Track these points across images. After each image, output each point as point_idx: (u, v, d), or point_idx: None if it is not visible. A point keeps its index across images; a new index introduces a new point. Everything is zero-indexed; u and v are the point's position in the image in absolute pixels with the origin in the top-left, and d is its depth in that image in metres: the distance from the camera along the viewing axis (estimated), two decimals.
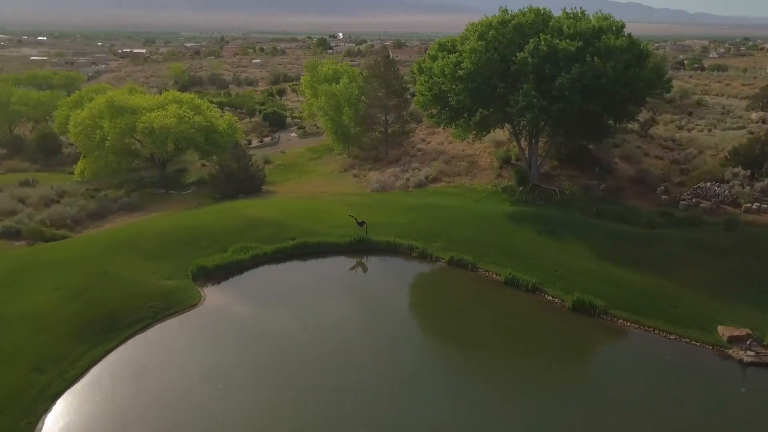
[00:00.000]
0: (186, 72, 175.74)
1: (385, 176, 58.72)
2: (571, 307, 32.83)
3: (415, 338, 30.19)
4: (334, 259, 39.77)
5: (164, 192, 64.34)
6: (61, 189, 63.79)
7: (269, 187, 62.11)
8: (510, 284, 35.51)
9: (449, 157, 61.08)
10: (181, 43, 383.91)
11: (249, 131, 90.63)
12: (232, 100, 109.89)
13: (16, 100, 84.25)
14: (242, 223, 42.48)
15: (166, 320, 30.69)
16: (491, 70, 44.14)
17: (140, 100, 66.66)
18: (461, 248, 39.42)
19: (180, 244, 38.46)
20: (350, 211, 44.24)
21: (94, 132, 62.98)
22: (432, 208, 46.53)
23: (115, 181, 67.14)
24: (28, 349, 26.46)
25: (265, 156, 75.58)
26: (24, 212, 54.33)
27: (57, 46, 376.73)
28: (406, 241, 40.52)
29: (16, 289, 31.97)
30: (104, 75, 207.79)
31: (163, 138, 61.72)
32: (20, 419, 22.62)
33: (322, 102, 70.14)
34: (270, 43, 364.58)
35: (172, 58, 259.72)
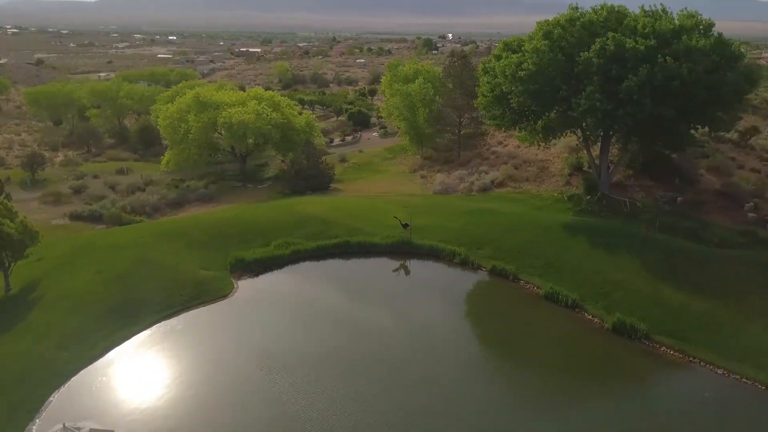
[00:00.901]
0: (290, 71, 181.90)
1: (449, 178, 57.47)
2: (610, 328, 30.33)
3: (432, 350, 28.94)
4: (375, 260, 39.35)
5: (241, 185, 66.86)
6: (149, 178, 68.07)
7: (338, 185, 62.77)
8: (550, 299, 33.42)
9: (520, 162, 58.67)
10: (295, 44, 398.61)
11: (332, 130, 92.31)
12: (323, 99, 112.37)
13: (123, 95, 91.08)
14: (292, 219, 43.10)
15: (193, 309, 31.71)
16: (555, 70, 41.73)
17: (224, 97, 69.64)
18: (507, 257, 37.66)
19: (227, 236, 39.63)
20: (403, 213, 43.62)
21: (180, 125, 66.64)
22: (488, 213, 44.83)
23: (198, 172, 70.68)
24: (58, 328, 28.31)
25: (342, 154, 76.58)
26: (109, 198, 58.52)
27: (184, 45, 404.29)
28: (449, 246, 39.28)
29: (66, 270, 34.39)
30: (218, 72, 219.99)
31: (240, 133, 64.14)
32: (34, 391, 24.19)
33: (396, 101, 69.86)
34: (379, 44, 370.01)
35: (283, 58, 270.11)
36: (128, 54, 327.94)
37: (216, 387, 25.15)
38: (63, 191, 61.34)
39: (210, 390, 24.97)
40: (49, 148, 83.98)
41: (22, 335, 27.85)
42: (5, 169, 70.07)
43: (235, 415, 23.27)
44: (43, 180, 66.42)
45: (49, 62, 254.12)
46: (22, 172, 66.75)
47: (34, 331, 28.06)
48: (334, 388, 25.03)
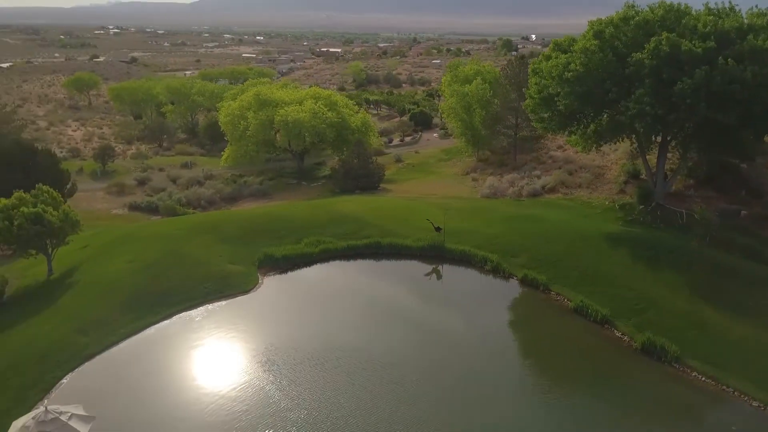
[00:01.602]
0: (363, 71, 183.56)
1: (499, 182, 55.90)
2: (639, 348, 28.35)
3: (444, 361, 27.97)
4: (405, 263, 38.66)
5: (296, 183, 67.99)
6: (209, 172, 70.47)
7: (388, 186, 62.55)
8: (579, 312, 31.66)
9: (576, 167, 56.23)
10: (375, 44, 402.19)
11: (394, 130, 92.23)
12: (389, 99, 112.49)
13: (195, 92, 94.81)
14: (327, 217, 43.18)
15: (215, 302, 32.22)
16: (604, 72, 39.53)
17: (283, 95, 71.00)
18: (541, 266, 36.07)
19: (260, 231, 40.18)
20: (443, 216, 42.83)
21: (240, 122, 68.55)
22: (530, 220, 43.16)
23: (257, 168, 72.47)
24: (83, 312, 29.55)
25: (398, 155, 76.34)
26: (167, 191, 60.97)
27: (269, 45, 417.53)
28: (482, 252, 38.06)
29: (104, 258, 35.97)
30: (297, 71, 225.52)
31: (296, 131, 65.23)
32: (49, 372, 25.31)
33: (453, 102, 68.80)
34: (459, 45, 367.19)
35: (361, 58, 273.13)
36: (216, 53, 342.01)
37: (220, 381, 25.38)
38: (127, 183, 64.51)
39: (214, 384, 25.21)
40: (125, 142, 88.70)
41: (50, 317, 29.29)
42: (80, 160, 74.57)
43: (229, 411, 23.39)
44: (113, 171, 70.13)
45: (142, 60, 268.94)
46: (94, 164, 70.72)
47: (60, 315, 29.46)
48: (338, 392, 24.67)
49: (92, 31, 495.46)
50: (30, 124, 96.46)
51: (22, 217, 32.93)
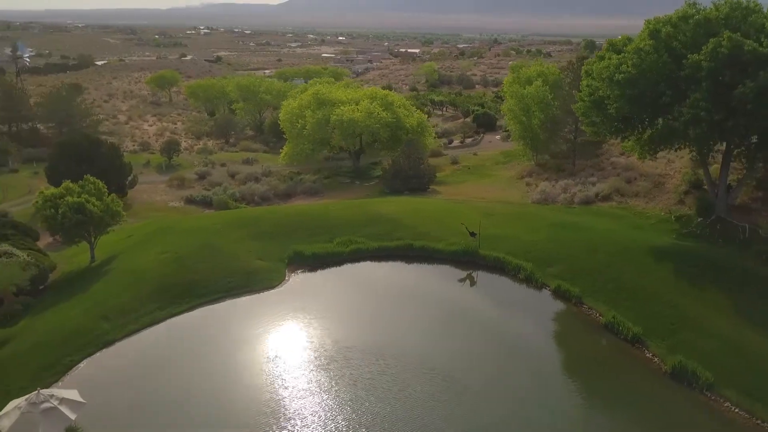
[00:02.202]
0: (436, 71, 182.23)
1: (552, 188, 53.71)
2: (668, 372, 26.27)
3: (465, 377, 26.88)
4: (437, 267, 37.79)
5: (349, 182, 68.18)
6: (268, 169, 71.86)
7: (438, 187, 61.58)
8: (609, 328, 29.78)
9: (635, 175, 53.15)
10: (455, 44, 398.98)
11: (456, 131, 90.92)
12: (455, 100, 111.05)
13: (263, 90, 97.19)
14: (364, 217, 42.92)
15: (239, 297, 32.70)
16: (658, 74, 37.01)
17: (341, 94, 71.40)
18: (576, 278, 34.26)
19: (295, 229, 40.45)
20: (485, 220, 41.71)
21: (298, 121, 69.52)
22: (574, 228, 41.13)
23: (315, 167, 73.30)
24: (109, 300, 30.68)
25: (455, 156, 75.07)
26: (222, 185, 62.67)
27: (350, 45, 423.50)
28: (517, 260, 36.61)
29: (141, 248, 37.29)
30: (372, 72, 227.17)
31: (350, 131, 65.43)
32: (67, 356, 26.41)
33: (512, 104, 66.86)
34: (540, 46, 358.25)
35: (438, 58, 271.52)
36: (297, 53, 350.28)
37: (222, 378, 25.60)
38: (188, 176, 66.83)
39: (217, 379, 25.47)
40: (194, 137, 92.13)
41: (79, 303, 30.61)
42: (149, 154, 78.02)
43: (231, 409, 23.54)
44: (177, 165, 72.88)
45: (226, 59, 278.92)
46: (161, 157, 73.79)
47: (89, 301, 30.71)
48: (346, 392, 24.33)
49: (184, 31, 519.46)
50: (111, 119, 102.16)
51: (66, 206, 34.65)
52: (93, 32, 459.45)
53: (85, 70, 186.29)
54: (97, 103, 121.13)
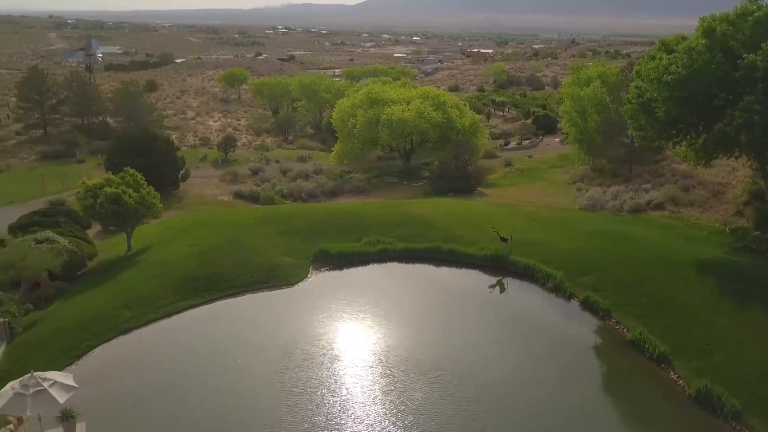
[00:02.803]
0: (505, 72, 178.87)
1: (602, 194, 51.31)
2: (692, 395, 24.34)
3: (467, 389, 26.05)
4: (465, 272, 36.82)
5: (397, 182, 67.79)
6: (319, 167, 72.57)
7: (486, 190, 60.22)
8: (635, 345, 27.99)
9: (694, 183, 49.93)
10: (529, 45, 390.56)
11: (514, 132, 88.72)
12: (517, 101, 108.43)
13: (323, 88, 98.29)
14: (398, 218, 42.41)
15: (258, 292, 32.98)
16: (710, 75, 34.46)
17: (393, 94, 71.10)
18: (607, 290, 32.47)
19: (324, 227, 40.45)
20: (530, 226, 40.54)
21: (349, 119, 69.78)
22: (615, 237, 39.04)
23: (365, 166, 73.40)
24: (133, 289, 31.65)
25: (510, 158, 73.15)
26: (271, 182, 63.73)
27: (424, 45, 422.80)
28: (547, 268, 35.08)
29: (173, 240, 38.38)
30: (441, 72, 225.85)
31: (399, 130, 65.04)
32: (85, 341, 27.39)
33: (567, 106, 64.43)
34: (620, 46, 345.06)
35: (511, 59, 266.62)
36: (371, 52, 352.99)
37: (226, 374, 25.80)
38: (240, 172, 68.36)
39: (221, 375, 25.71)
40: (254, 134, 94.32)
41: (106, 290, 31.77)
42: (208, 149, 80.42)
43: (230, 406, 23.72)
44: (233, 161, 74.74)
45: (300, 58, 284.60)
46: (218, 153, 75.91)
47: (115, 289, 31.82)
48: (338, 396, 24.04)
49: (263, 31, 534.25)
50: (179, 114, 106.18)
51: (104, 197, 36.08)
52: (178, 31, 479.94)
53: (164, 68, 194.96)
54: (169, 99, 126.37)
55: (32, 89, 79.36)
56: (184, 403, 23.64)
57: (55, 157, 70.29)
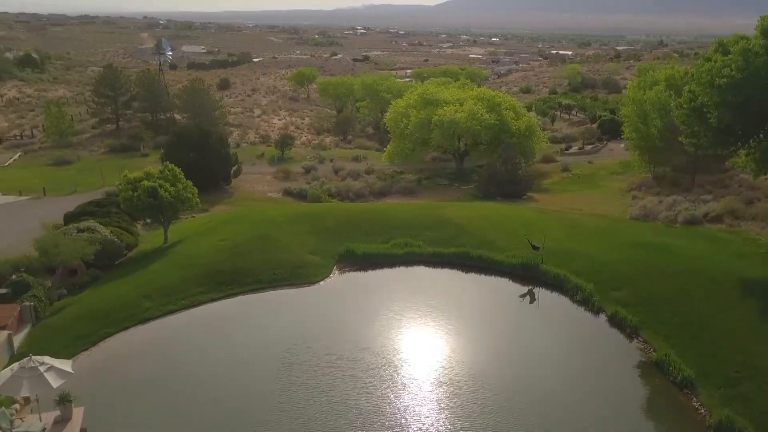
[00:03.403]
0: (579, 74, 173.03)
1: (656, 204, 48.40)
2: (712, 426, 22.39)
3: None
4: (493, 279, 35.61)
5: (447, 184, 66.78)
6: (372, 167, 72.62)
7: (535, 195, 58.32)
8: (659, 367, 26.11)
9: (760, 195, 46.27)
10: (613, 47, 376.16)
11: (578, 136, 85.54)
12: (584, 104, 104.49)
13: (384, 89, 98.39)
14: (431, 220, 41.64)
15: (280, 288, 33.19)
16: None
17: (447, 94, 70.11)
18: (639, 306, 30.53)
19: (356, 226, 40.25)
20: (569, 235, 39.01)
21: (402, 120, 69.43)
22: (659, 250, 36.65)
23: (418, 167, 72.83)
24: (158, 279, 32.59)
25: (568, 163, 70.52)
26: (320, 180, 64.27)
27: (503, 46, 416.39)
28: (577, 280, 33.38)
29: (208, 234, 39.33)
30: (514, 73, 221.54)
31: (450, 132, 64.07)
32: (104, 328, 28.40)
33: (628, 110, 61.33)
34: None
35: (590, 61, 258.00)
36: (447, 53, 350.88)
37: (234, 365, 26.07)
38: (293, 170, 69.37)
39: (225, 370, 26.00)
40: (315, 132, 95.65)
41: (132, 280, 32.88)
42: (266, 146, 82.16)
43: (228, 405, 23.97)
44: (289, 158, 76.00)
45: (374, 59, 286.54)
46: (274, 150, 77.44)
47: (141, 279, 32.87)
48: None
49: (343, 31, 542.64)
50: (247, 112, 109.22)
51: (142, 189, 37.43)
52: (260, 31, 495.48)
53: (240, 66, 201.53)
54: (240, 97, 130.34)
55: (107, 86, 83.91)
56: (184, 394, 24.02)
57: (122, 150, 73.89)
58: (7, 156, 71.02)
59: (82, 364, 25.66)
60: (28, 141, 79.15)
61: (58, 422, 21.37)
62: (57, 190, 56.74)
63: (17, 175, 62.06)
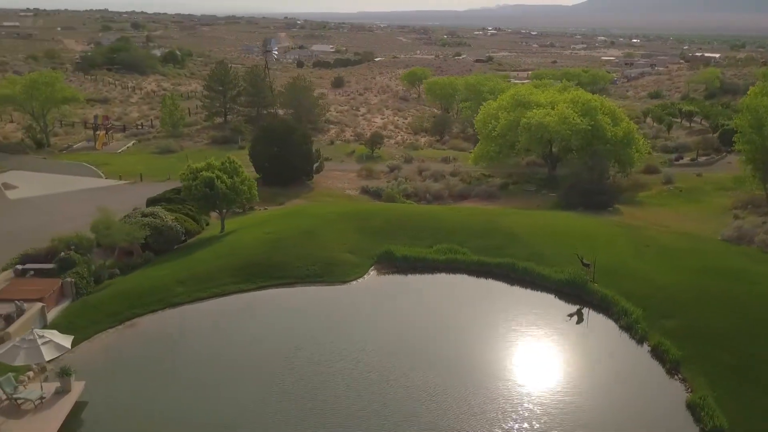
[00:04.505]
0: (718, 78, 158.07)
1: (756, 225, 42.79)
2: None
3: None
4: (537, 294, 33.16)
5: (534, 190, 63.66)
6: (458, 169, 70.99)
7: (623, 207, 53.84)
8: (691, 410, 22.87)
9: None
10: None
11: (692, 147, 78.12)
12: (709, 111, 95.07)
13: (486, 89, 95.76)
14: (480, 227, 39.72)
15: (309, 285, 33.14)
16: None
17: (539, 97, 66.73)
18: (687, 339, 27.07)
19: (402, 228, 39.30)
20: (641, 254, 35.86)
21: (491, 121, 67.11)
22: (732, 278, 32.22)
23: (506, 171, 70.17)
24: (195, 267, 33.75)
25: (671, 175, 64.45)
26: (398, 180, 63.79)
27: (643, 48, 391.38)
28: (626, 303, 30.22)
29: (261, 225, 40.35)
30: (646, 77, 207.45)
31: (537, 136, 61.00)
32: (133, 308, 29.85)
33: (742, 119, 54.76)
34: None
35: (738, 65, 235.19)
36: (579, 55, 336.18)
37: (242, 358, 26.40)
38: (377, 168, 69.50)
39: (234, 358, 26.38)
40: (413, 132, 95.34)
41: (174, 265, 34.33)
42: (359, 144, 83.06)
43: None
44: (377, 157, 76.29)
45: (498, 60, 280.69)
46: (364, 148, 78.09)
47: (181, 264, 34.23)
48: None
49: (473, 32, 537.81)
50: (353, 110, 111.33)
51: (200, 180, 39.11)
52: (391, 31, 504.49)
53: (359, 65, 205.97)
54: (351, 95, 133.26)
55: (217, 81, 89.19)
56: (187, 379, 24.53)
57: (223, 142, 78.12)
58: (123, 144, 77.74)
59: (101, 341, 27.30)
60: (147, 131, 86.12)
61: (57, 393, 22.71)
62: (153, 176, 61.04)
63: (124, 161, 67.66)
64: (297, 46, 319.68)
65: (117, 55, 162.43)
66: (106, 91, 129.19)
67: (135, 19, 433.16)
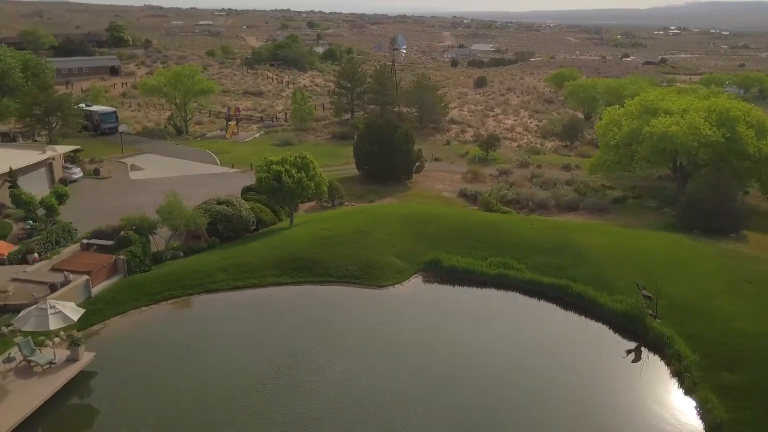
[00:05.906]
0: None
1: None
2: None
3: None
4: (590, 324, 29.58)
5: (655, 206, 57.29)
6: (575, 178, 65.93)
7: (751, 233, 46.61)
8: None
9: None
10: None
11: None
12: None
13: (627, 94, 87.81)
14: (546, 243, 36.11)
15: (345, 285, 32.48)
16: None
17: (671, 104, 59.56)
18: (749, 400, 22.53)
19: (459, 236, 37.01)
20: (729, 288, 31.10)
21: (612, 128, 61.45)
22: None
23: (633, 183, 63.99)
24: (243, 256, 34.47)
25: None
26: (497, 186, 60.66)
27: None
28: (681, 346, 25.78)
29: (323, 221, 40.47)
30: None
31: (660, 146, 54.67)
32: (172, 290, 31.24)
33: None
34: None
35: None
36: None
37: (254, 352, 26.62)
38: (485, 172, 66.80)
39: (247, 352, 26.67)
40: (541, 136, 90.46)
41: (226, 252, 35.47)
42: (476, 145, 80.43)
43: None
44: (492, 159, 73.39)
45: (673, 62, 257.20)
46: (479, 150, 75.47)
47: (234, 252, 35.20)
48: None
49: (652, 31, 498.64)
50: (486, 110, 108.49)
51: (271, 173, 40.18)
52: (560, 31, 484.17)
53: (512, 66, 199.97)
54: (492, 96, 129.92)
55: (346, 77, 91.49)
56: (195, 361, 25.32)
57: (341, 138, 79.97)
58: (251, 134, 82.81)
59: (133, 317, 29.05)
60: (279, 124, 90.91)
61: (67, 361, 24.51)
62: None
63: (244, 151, 71.86)
64: (457, 45, 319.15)
65: (280, 52, 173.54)
66: (263, 85, 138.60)
67: (311, 18, 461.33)
